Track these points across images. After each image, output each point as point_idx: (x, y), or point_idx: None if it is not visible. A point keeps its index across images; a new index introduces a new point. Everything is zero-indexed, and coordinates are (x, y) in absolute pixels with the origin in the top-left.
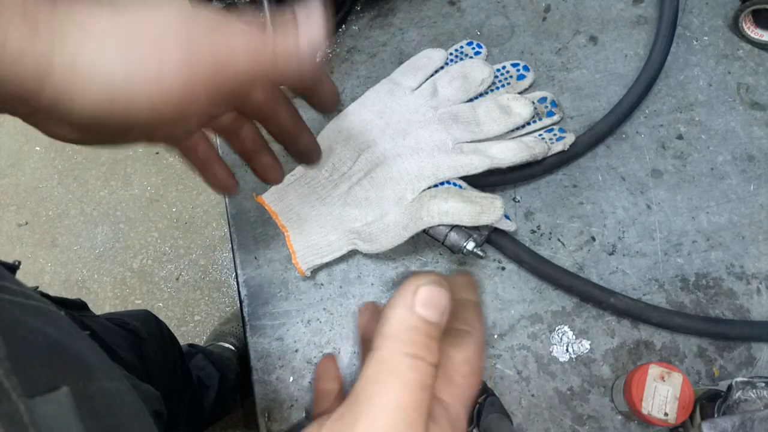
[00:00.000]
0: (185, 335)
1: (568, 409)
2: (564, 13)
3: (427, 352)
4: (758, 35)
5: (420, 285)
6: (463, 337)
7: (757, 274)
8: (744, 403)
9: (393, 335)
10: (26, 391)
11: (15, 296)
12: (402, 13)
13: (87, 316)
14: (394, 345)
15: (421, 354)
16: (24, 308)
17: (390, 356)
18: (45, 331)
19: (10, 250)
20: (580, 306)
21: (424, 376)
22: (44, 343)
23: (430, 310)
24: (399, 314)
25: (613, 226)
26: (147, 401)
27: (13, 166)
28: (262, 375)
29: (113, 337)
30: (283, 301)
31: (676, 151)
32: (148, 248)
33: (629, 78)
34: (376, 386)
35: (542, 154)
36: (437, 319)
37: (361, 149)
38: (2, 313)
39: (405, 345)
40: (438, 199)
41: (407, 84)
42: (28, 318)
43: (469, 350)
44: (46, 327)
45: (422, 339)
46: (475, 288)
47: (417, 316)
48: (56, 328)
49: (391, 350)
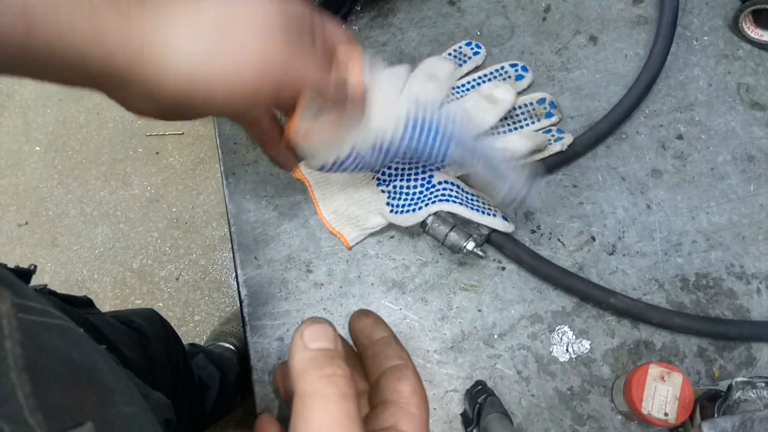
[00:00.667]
0: (185, 335)
1: (568, 409)
2: (564, 13)
3: (336, 368)
4: (758, 35)
5: (302, 329)
6: (402, 371)
7: (757, 274)
8: (744, 403)
9: (302, 371)
10: (51, 429)
11: (40, 316)
12: (402, 13)
13: (93, 314)
14: (306, 377)
15: (330, 371)
16: (50, 330)
17: (307, 386)
18: (69, 354)
19: (10, 250)
20: (580, 306)
21: (342, 387)
22: (68, 369)
23: (321, 342)
24: (298, 356)
25: (613, 226)
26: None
27: (13, 166)
28: (262, 375)
29: (119, 336)
30: (283, 301)
31: (676, 151)
32: (148, 248)
33: (629, 78)
34: (305, 412)
35: (543, 144)
36: (331, 345)
37: None
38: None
39: (315, 371)
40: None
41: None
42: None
43: (412, 380)
44: (69, 349)
45: (326, 361)
46: (384, 325)
47: (313, 350)
48: (78, 350)
49: (306, 381)
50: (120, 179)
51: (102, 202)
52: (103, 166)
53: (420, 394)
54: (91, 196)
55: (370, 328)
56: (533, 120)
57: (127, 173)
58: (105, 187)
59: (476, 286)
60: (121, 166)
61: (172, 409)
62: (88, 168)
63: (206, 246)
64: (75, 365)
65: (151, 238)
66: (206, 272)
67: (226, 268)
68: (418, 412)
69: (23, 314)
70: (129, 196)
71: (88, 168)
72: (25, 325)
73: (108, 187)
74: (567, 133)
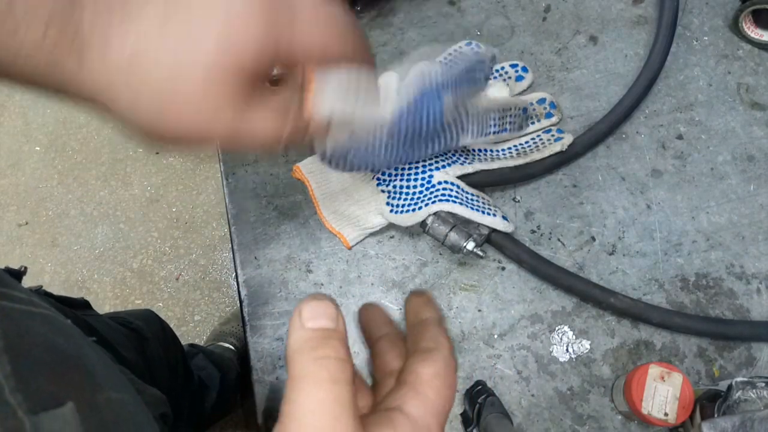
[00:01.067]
0: (185, 335)
1: (568, 409)
2: (564, 13)
3: (330, 350)
4: (758, 35)
5: (302, 307)
6: (430, 353)
7: (757, 274)
8: (744, 403)
9: (295, 351)
10: (31, 408)
11: (24, 305)
12: (402, 13)
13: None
14: (299, 358)
15: (324, 354)
16: (33, 317)
17: (299, 369)
18: (53, 341)
19: (10, 250)
20: (580, 306)
21: (335, 372)
22: (52, 354)
23: (319, 320)
24: (295, 335)
25: (613, 226)
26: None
27: (13, 166)
28: (262, 375)
29: (117, 337)
30: (283, 301)
31: (676, 151)
32: (148, 248)
33: (629, 78)
34: (294, 394)
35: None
36: (330, 325)
37: None
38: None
39: (308, 353)
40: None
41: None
42: (36, 327)
43: (438, 365)
44: (54, 336)
45: (322, 342)
46: (434, 306)
47: (309, 329)
48: (64, 338)
49: (298, 363)
50: (120, 179)
51: (102, 202)
52: (103, 166)
53: (444, 380)
54: (91, 196)
55: (419, 307)
56: (533, 120)
57: (127, 173)
58: (105, 187)
59: (476, 286)
60: (121, 166)
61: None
62: (88, 168)
63: (206, 246)
64: (59, 351)
65: (151, 238)
66: (206, 272)
67: (226, 268)
68: (435, 398)
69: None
70: (129, 196)
71: (88, 168)
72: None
73: (108, 187)
74: (567, 133)
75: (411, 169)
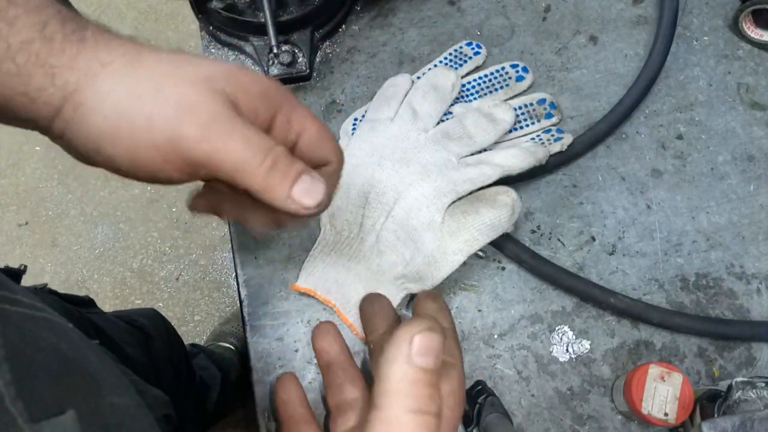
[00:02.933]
0: (185, 335)
1: (568, 409)
2: (564, 13)
3: (431, 403)
4: (758, 35)
5: (414, 334)
6: (448, 369)
7: (757, 274)
8: (744, 403)
9: (396, 391)
10: (32, 416)
11: (25, 308)
12: (402, 13)
13: (95, 313)
14: (398, 402)
15: (426, 408)
16: (35, 321)
17: (396, 416)
18: (55, 346)
19: (10, 250)
20: (580, 306)
21: (430, 430)
22: (53, 359)
23: (428, 358)
24: (399, 369)
25: (613, 226)
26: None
27: (13, 166)
28: (262, 375)
29: (121, 334)
30: (283, 301)
31: (676, 151)
32: (148, 248)
33: (629, 78)
34: None
35: (545, 158)
36: (435, 365)
37: (366, 192)
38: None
39: (409, 400)
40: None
41: (384, 116)
42: (38, 331)
43: (454, 382)
44: (56, 341)
45: (425, 391)
46: (447, 313)
47: (416, 368)
48: (66, 342)
49: (397, 409)
50: (120, 179)
51: (102, 202)
52: None
53: (456, 397)
54: (91, 196)
55: (434, 314)
56: (533, 121)
57: None
58: (105, 187)
59: (476, 286)
60: None
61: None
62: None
63: (206, 246)
64: (61, 356)
65: (151, 238)
66: (206, 272)
67: (226, 268)
68: (450, 414)
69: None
70: (129, 196)
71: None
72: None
73: (108, 187)
74: (567, 133)
75: None
